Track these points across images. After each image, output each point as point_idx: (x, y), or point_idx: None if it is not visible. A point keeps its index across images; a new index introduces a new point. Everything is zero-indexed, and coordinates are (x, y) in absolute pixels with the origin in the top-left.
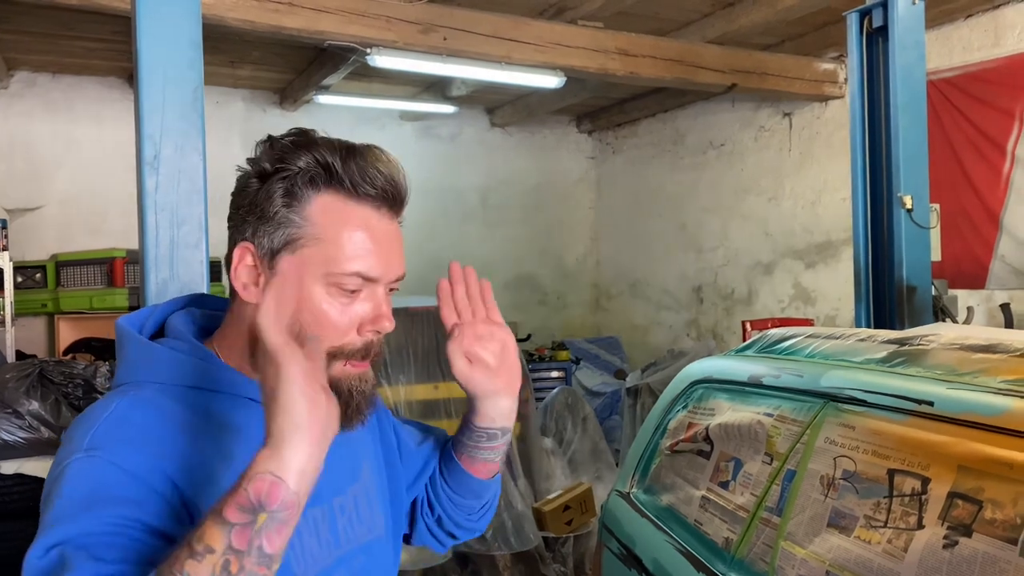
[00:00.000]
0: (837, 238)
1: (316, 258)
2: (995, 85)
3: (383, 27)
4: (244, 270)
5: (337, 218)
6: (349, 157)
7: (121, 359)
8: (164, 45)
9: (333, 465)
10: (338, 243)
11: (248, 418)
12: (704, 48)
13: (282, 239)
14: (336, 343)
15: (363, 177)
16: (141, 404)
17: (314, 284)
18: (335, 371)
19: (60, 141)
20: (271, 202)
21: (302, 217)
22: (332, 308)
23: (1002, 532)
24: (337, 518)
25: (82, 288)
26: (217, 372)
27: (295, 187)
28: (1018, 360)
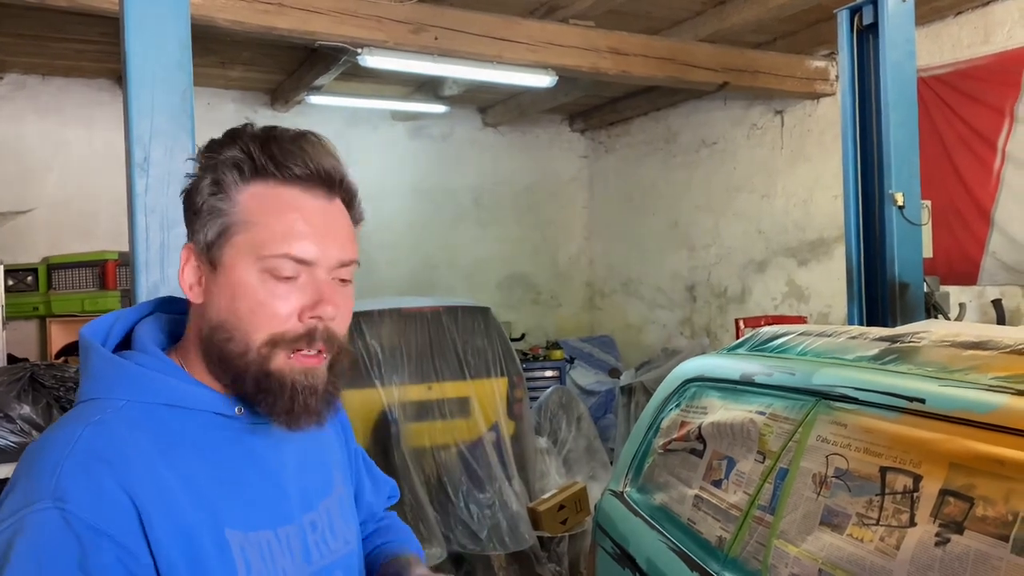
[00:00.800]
0: (829, 235)
1: (247, 243)
2: (985, 82)
3: (374, 27)
4: (189, 271)
5: (266, 202)
6: (269, 142)
7: (85, 372)
8: (152, 47)
9: (304, 480)
10: (268, 225)
11: (221, 437)
12: (696, 46)
13: (215, 231)
14: (276, 330)
15: (284, 159)
16: (106, 432)
17: (248, 270)
18: (277, 363)
19: (50, 143)
20: (200, 195)
21: (230, 203)
22: (267, 294)
23: (994, 529)
24: (308, 535)
25: (74, 291)
26: (183, 388)
27: (221, 176)
28: (1009, 357)
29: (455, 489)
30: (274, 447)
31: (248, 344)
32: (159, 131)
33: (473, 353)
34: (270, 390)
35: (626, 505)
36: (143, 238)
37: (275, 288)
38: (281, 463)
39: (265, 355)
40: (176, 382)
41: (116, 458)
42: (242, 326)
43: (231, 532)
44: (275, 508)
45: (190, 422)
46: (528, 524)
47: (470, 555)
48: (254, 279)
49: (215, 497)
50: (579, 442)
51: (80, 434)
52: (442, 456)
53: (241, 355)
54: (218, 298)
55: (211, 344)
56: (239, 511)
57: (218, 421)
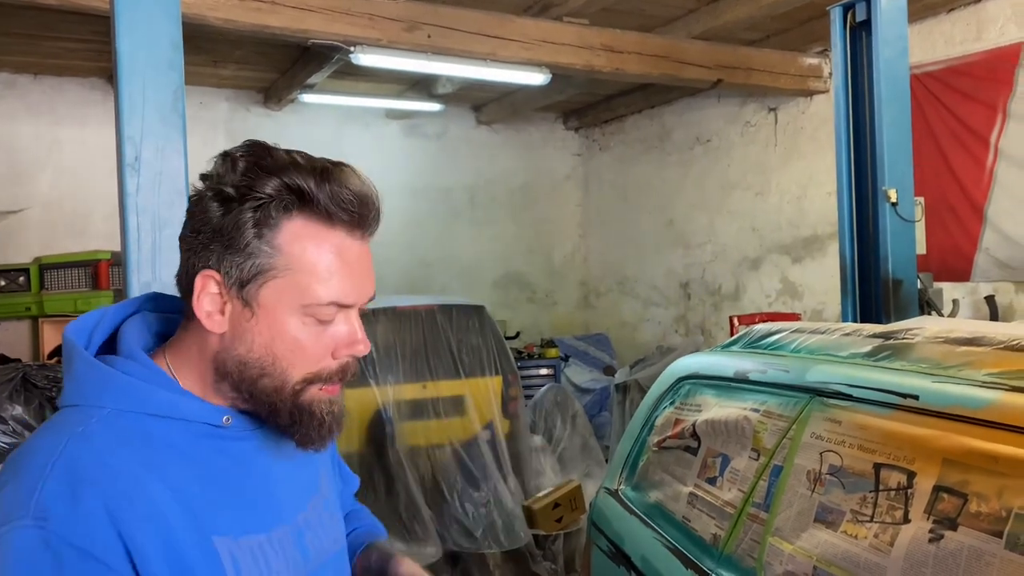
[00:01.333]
0: (823, 232)
1: (290, 288)
2: (978, 78)
3: (367, 25)
4: (208, 299)
5: (309, 245)
6: (323, 180)
7: (68, 375)
8: (143, 46)
9: (293, 481)
10: (312, 273)
11: (208, 446)
12: (689, 44)
13: (252, 270)
14: (312, 369)
15: (337, 202)
16: (90, 445)
17: (289, 315)
18: (308, 396)
19: (42, 143)
20: (240, 232)
21: (273, 246)
22: (307, 337)
23: (987, 525)
24: (304, 534)
25: (66, 291)
26: (173, 400)
27: (266, 215)
28: (1002, 353)
29: (450, 488)
30: (260, 452)
31: (284, 382)
32: (150, 130)
33: (468, 352)
34: (302, 422)
35: (621, 503)
36: (135, 238)
37: (314, 331)
38: (269, 466)
39: (298, 391)
40: (166, 394)
41: (99, 474)
42: (280, 365)
43: (219, 539)
44: (266, 511)
45: (177, 431)
46: (523, 522)
47: (465, 554)
48: (295, 323)
49: (202, 505)
50: (574, 440)
51: (63, 447)
52: (437, 455)
53: (277, 391)
54: (251, 336)
55: (240, 377)
56: (228, 517)
57: (205, 430)
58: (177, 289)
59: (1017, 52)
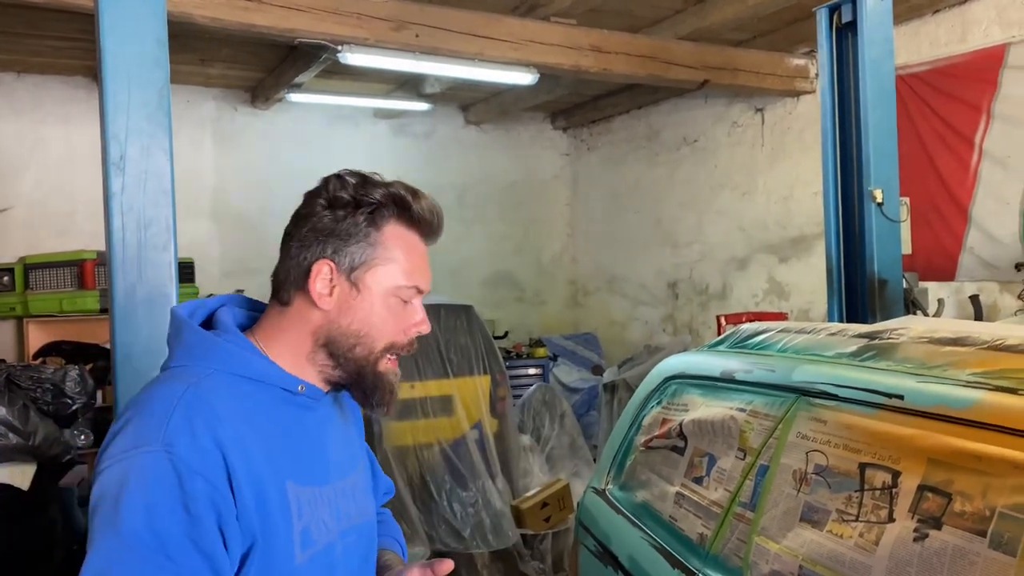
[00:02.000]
0: (810, 232)
1: (388, 274)
2: (962, 80)
3: (354, 24)
4: (321, 282)
5: (402, 243)
6: (416, 196)
7: (178, 342)
8: (128, 44)
9: (339, 451)
10: (404, 263)
11: (285, 408)
12: (676, 44)
13: (361, 258)
14: (391, 340)
15: (428, 214)
16: (203, 393)
17: (384, 295)
18: (383, 365)
19: (26, 142)
20: (356, 228)
21: (378, 241)
22: (393, 314)
23: (971, 524)
24: (339, 498)
25: (51, 291)
26: (262, 365)
27: (376, 216)
28: (986, 353)
29: (438, 488)
30: (320, 423)
31: (372, 349)
32: (135, 129)
33: (456, 351)
34: (378, 387)
35: (608, 503)
36: (119, 238)
37: (399, 309)
38: (324, 436)
39: (378, 358)
40: (257, 360)
41: (211, 415)
42: (371, 334)
43: (291, 484)
44: (321, 470)
45: (263, 393)
46: (511, 522)
47: (453, 554)
48: (389, 301)
49: (281, 455)
50: (562, 439)
51: (183, 393)
52: (425, 455)
53: (365, 357)
54: (354, 311)
55: (337, 345)
56: (296, 468)
57: (284, 396)
58: (272, 283)
59: (1001, 53)
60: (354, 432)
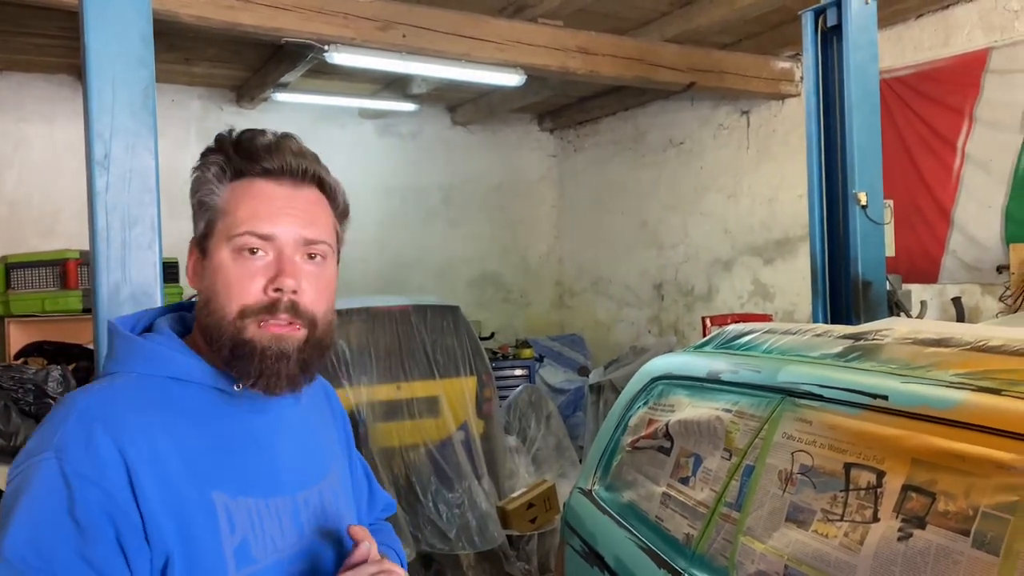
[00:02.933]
0: (794, 234)
1: (223, 229)
2: (945, 84)
3: (341, 24)
4: (191, 262)
5: (240, 193)
6: (242, 144)
7: (109, 354)
8: (113, 42)
9: (298, 461)
10: (237, 210)
11: (223, 411)
12: (663, 47)
13: (204, 224)
14: (245, 302)
15: (254, 157)
16: (109, 395)
17: (223, 251)
18: (250, 332)
19: (9, 140)
20: (193, 195)
21: (215, 200)
22: (238, 271)
23: (955, 524)
24: (301, 511)
25: (34, 291)
26: (187, 362)
27: (207, 176)
28: (969, 354)
29: (424, 489)
30: (269, 426)
31: (224, 315)
32: (120, 128)
33: (442, 352)
34: (243, 355)
35: (594, 503)
36: (103, 237)
37: (244, 265)
38: (272, 441)
39: (240, 326)
40: (181, 357)
41: (114, 419)
42: (219, 300)
43: (217, 494)
44: (266, 481)
45: (193, 395)
46: (497, 523)
47: (439, 555)
48: (228, 258)
49: (206, 462)
50: (548, 440)
51: (87, 397)
52: (411, 456)
53: (218, 325)
54: (206, 281)
55: (201, 322)
56: (228, 477)
57: (220, 397)
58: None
59: (983, 58)
60: (328, 438)
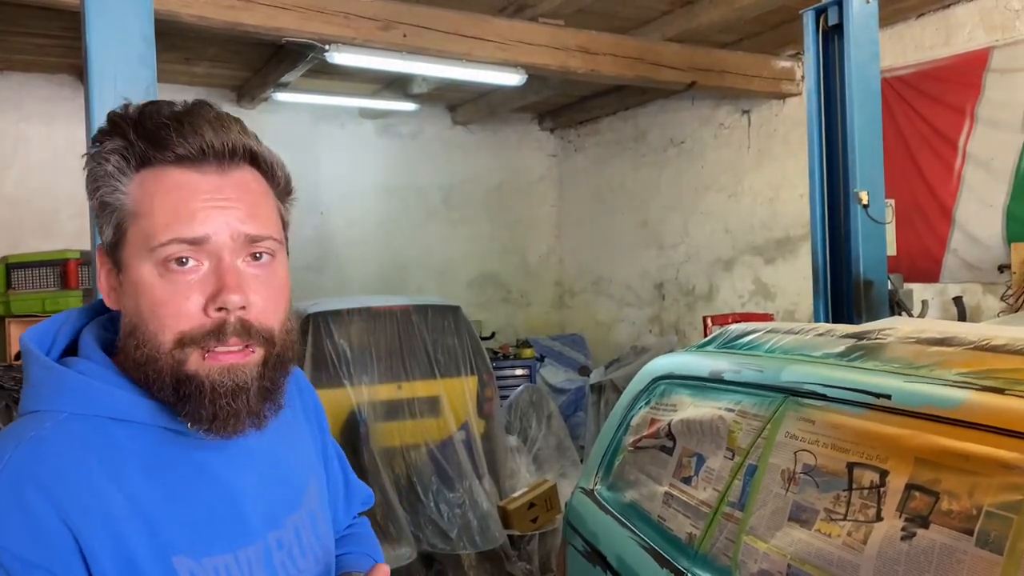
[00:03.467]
0: (795, 234)
1: (139, 235)
2: (946, 83)
3: (342, 24)
4: (104, 275)
5: (152, 187)
6: (143, 123)
7: (27, 382)
8: (115, 42)
9: (266, 496)
10: (154, 212)
11: (175, 453)
12: (664, 46)
13: (111, 229)
14: (181, 328)
15: (162, 140)
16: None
17: (143, 265)
18: (191, 365)
19: (9, 140)
20: (92, 193)
21: (120, 198)
22: (165, 288)
23: (958, 523)
24: (274, 554)
25: (34, 291)
26: (129, 399)
27: (106, 169)
28: (973, 353)
29: (425, 489)
30: (229, 462)
31: (156, 346)
32: None
33: (443, 352)
34: (190, 396)
35: (596, 503)
36: None
37: (175, 281)
38: (237, 480)
39: (179, 358)
40: (121, 393)
41: (52, 480)
42: (148, 328)
43: (180, 559)
44: (232, 529)
45: (137, 437)
46: (498, 523)
47: (440, 554)
48: (152, 274)
49: (163, 521)
50: (549, 440)
51: (12, 453)
52: (412, 456)
53: (153, 361)
54: (126, 301)
55: (127, 353)
56: (190, 536)
57: (168, 436)
58: None
59: (984, 57)
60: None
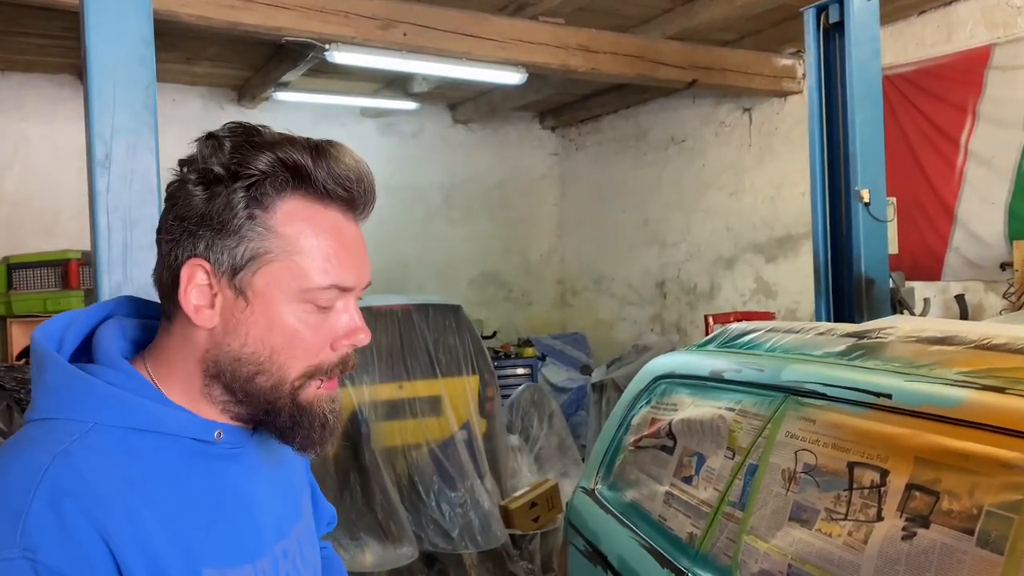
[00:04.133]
0: (797, 232)
1: (288, 272)
2: (948, 80)
3: (342, 23)
4: (197, 291)
5: (307, 227)
6: (319, 156)
7: (42, 385)
8: (114, 42)
9: (275, 507)
10: (311, 255)
11: (198, 465)
12: (665, 44)
13: (245, 255)
14: (312, 362)
15: (335, 178)
16: (76, 466)
17: (286, 302)
18: (308, 394)
19: (10, 140)
20: (232, 212)
21: (267, 228)
22: (306, 326)
23: (959, 523)
24: (280, 563)
25: (35, 291)
26: (162, 412)
27: (260, 194)
28: (974, 352)
29: (426, 488)
30: (245, 474)
31: (283, 378)
32: (121, 128)
33: (444, 351)
34: (303, 424)
35: (597, 502)
36: (105, 237)
37: (313, 319)
38: (253, 491)
39: (297, 386)
40: (154, 405)
41: (88, 497)
42: (277, 359)
43: (209, 572)
44: (251, 539)
45: (163, 449)
46: (500, 522)
47: (442, 554)
48: (293, 311)
49: (191, 533)
50: (551, 439)
51: (47, 468)
52: (413, 455)
53: (275, 388)
54: (246, 328)
55: (233, 377)
56: (216, 547)
57: (194, 447)
58: (156, 289)
59: (986, 54)
60: (293, 467)
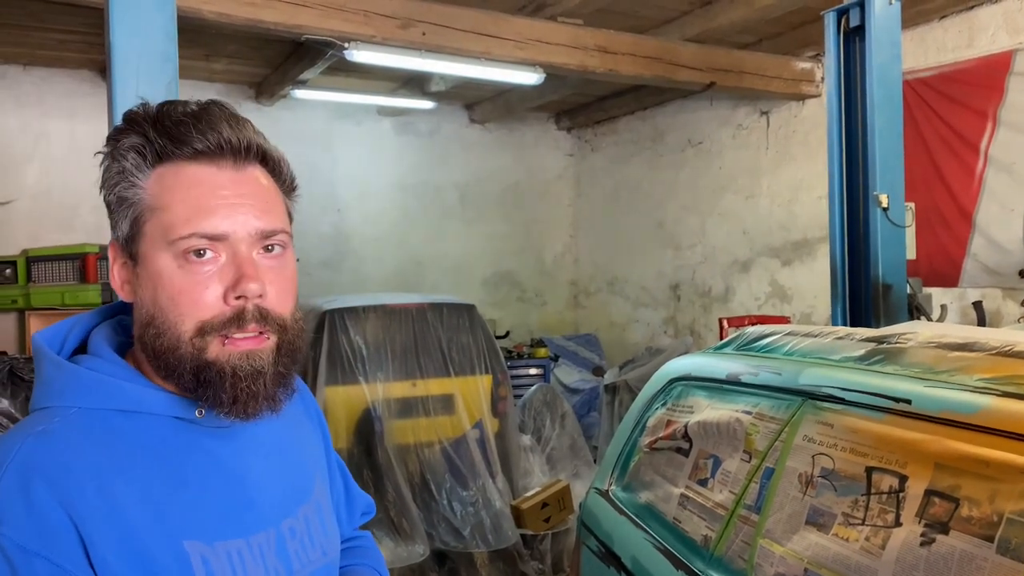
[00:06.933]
0: (813, 236)
1: (158, 228)
2: (969, 85)
3: (361, 22)
4: (118, 269)
5: (170, 182)
6: (162, 120)
7: (38, 380)
8: (137, 38)
9: (278, 484)
10: (173, 206)
11: (184, 443)
12: (683, 46)
13: (128, 223)
14: (202, 317)
15: (180, 136)
16: (49, 444)
17: (163, 257)
18: (213, 352)
19: (31, 135)
20: (109, 189)
21: (138, 193)
22: (185, 279)
23: (979, 530)
24: (287, 542)
25: (54, 284)
26: (138, 391)
27: (124, 165)
28: (994, 358)
29: (439, 486)
30: (238, 452)
31: (178, 336)
32: None
33: (458, 350)
34: (210, 381)
35: (611, 503)
36: None
37: (194, 272)
38: (247, 468)
39: (199, 346)
40: (130, 386)
41: (57, 473)
42: (168, 318)
43: (191, 543)
44: (243, 515)
45: (147, 429)
46: (511, 522)
47: (453, 552)
48: (171, 266)
49: (173, 507)
50: (563, 440)
51: (20, 446)
52: (426, 453)
53: (173, 349)
54: (143, 292)
55: (145, 343)
56: (201, 520)
57: (178, 426)
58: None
59: (1008, 60)
60: (310, 444)
